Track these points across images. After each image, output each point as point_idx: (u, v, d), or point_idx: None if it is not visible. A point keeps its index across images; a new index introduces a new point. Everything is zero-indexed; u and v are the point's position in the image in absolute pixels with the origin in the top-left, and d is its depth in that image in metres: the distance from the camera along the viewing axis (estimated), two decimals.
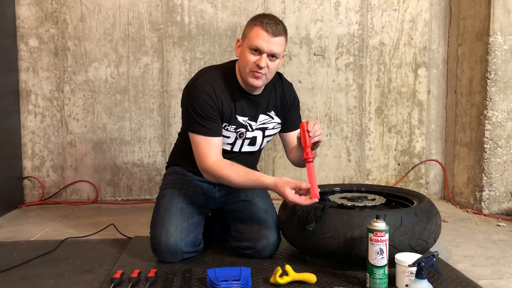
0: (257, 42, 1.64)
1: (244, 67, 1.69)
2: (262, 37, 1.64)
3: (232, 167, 1.66)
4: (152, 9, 2.86)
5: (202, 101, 1.69)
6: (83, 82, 2.86)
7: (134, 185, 2.94)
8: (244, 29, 1.73)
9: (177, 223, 1.73)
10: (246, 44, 1.67)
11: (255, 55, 1.66)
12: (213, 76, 1.74)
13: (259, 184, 1.64)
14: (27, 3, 2.80)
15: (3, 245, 2.02)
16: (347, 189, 2.05)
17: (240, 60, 1.73)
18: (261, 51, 1.65)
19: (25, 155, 2.88)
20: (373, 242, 1.43)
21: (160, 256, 1.73)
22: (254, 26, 1.66)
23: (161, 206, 1.80)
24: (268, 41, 1.64)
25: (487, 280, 1.61)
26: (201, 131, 1.70)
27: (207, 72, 1.78)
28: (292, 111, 1.90)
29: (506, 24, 2.55)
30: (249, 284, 1.46)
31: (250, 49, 1.66)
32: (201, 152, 1.70)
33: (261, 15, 1.72)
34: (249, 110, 1.79)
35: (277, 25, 1.66)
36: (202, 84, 1.71)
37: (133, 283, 1.49)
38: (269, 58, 1.66)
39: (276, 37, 1.65)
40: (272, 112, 1.85)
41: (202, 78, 1.73)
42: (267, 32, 1.63)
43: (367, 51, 2.98)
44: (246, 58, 1.67)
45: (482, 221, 2.48)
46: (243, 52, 1.69)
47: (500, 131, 2.59)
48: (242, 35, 1.73)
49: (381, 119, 3.03)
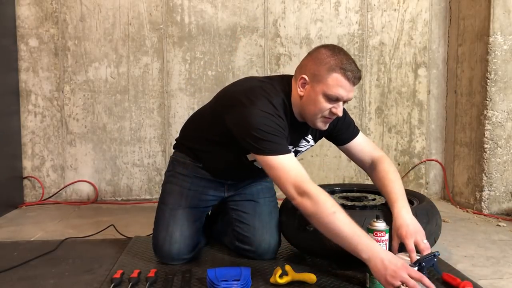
0: (338, 92, 1.48)
1: (315, 113, 1.52)
2: (344, 87, 1.48)
3: (335, 203, 1.40)
4: (152, 9, 2.86)
5: (272, 123, 1.48)
6: (83, 82, 2.86)
7: (134, 185, 2.94)
8: (313, 68, 1.51)
9: (182, 229, 1.71)
10: (321, 89, 1.48)
11: (330, 103, 1.50)
12: (277, 102, 1.53)
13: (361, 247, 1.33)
14: (27, 3, 2.80)
15: (3, 245, 2.02)
16: (347, 189, 2.05)
17: (309, 103, 1.53)
18: (340, 100, 1.50)
19: (25, 155, 2.88)
20: None
21: (161, 258, 1.73)
22: (332, 72, 1.47)
23: (167, 207, 1.76)
24: (349, 90, 1.49)
25: (487, 280, 1.61)
26: (276, 151, 1.45)
27: (269, 95, 1.53)
28: (339, 126, 1.73)
29: (506, 24, 2.55)
30: (249, 284, 1.46)
31: (326, 96, 1.49)
32: (289, 173, 1.43)
33: (337, 55, 1.50)
34: (294, 137, 1.66)
35: (359, 71, 1.50)
36: (269, 109, 1.49)
37: (133, 283, 1.49)
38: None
39: (356, 85, 1.52)
40: (310, 136, 1.74)
41: (268, 104, 1.50)
42: (349, 82, 1.48)
43: (367, 51, 2.98)
44: (320, 104, 1.50)
45: (482, 221, 2.48)
46: (315, 97, 1.50)
47: (500, 131, 2.59)
48: (311, 75, 1.51)
49: (381, 119, 3.03)
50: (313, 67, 1.51)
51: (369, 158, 1.76)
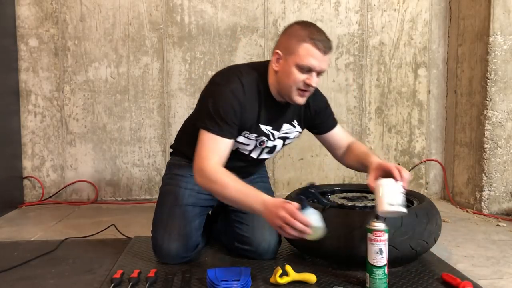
0: (309, 61, 1.52)
1: (290, 85, 1.56)
2: (314, 56, 1.51)
3: (231, 176, 1.51)
4: (152, 9, 2.86)
5: (228, 105, 1.56)
6: (83, 82, 2.86)
7: (134, 185, 2.94)
8: (284, 41, 1.58)
9: (180, 228, 1.71)
10: (293, 61, 1.53)
11: (303, 73, 1.54)
12: (248, 82, 1.61)
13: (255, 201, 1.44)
14: (27, 3, 2.80)
15: (3, 245, 2.02)
16: (347, 189, 2.04)
17: (283, 77, 1.57)
18: (312, 70, 1.54)
19: (25, 155, 2.88)
20: (372, 242, 1.43)
21: (160, 258, 1.73)
22: (302, 43, 1.52)
23: (165, 206, 1.77)
24: (320, 60, 1.53)
25: (487, 280, 1.61)
26: (213, 130, 1.55)
27: (242, 74, 1.62)
28: (322, 114, 1.81)
29: (506, 24, 2.55)
30: (249, 284, 1.46)
31: (299, 67, 1.53)
32: (204, 151, 1.54)
33: (306, 26, 1.57)
34: (274, 119, 1.69)
35: (329, 41, 1.55)
36: (235, 89, 1.58)
37: (133, 283, 1.49)
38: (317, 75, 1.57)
39: (327, 54, 1.54)
40: (295, 121, 1.77)
41: (237, 83, 1.59)
42: (319, 51, 1.51)
43: (367, 51, 2.98)
44: (294, 76, 1.54)
45: (482, 221, 2.48)
46: (289, 69, 1.54)
47: (500, 131, 2.59)
48: (284, 49, 1.57)
49: (381, 119, 3.03)
50: (286, 41, 1.57)
51: (345, 146, 1.84)
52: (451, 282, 1.49)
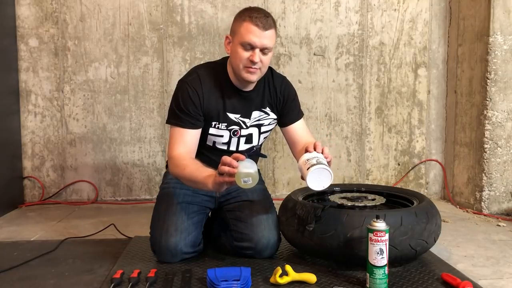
0: (248, 38, 1.63)
1: (238, 64, 1.67)
2: (253, 32, 1.62)
3: (192, 160, 1.67)
4: (152, 9, 2.86)
5: (187, 97, 1.70)
6: (83, 82, 2.86)
7: (134, 185, 2.94)
8: (232, 25, 1.71)
9: (177, 223, 1.72)
10: (237, 40, 1.66)
11: (247, 51, 1.65)
12: (204, 73, 1.75)
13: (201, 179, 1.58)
14: (27, 3, 2.80)
15: (3, 245, 2.02)
16: (347, 189, 2.04)
17: (232, 57, 1.71)
18: (254, 46, 1.63)
19: (25, 155, 2.88)
20: (373, 242, 1.43)
21: (160, 256, 1.73)
22: (243, 22, 1.65)
23: (161, 206, 1.80)
24: (259, 36, 1.63)
25: (487, 280, 1.61)
26: (177, 124, 1.71)
27: (199, 68, 1.80)
28: (289, 104, 1.87)
29: (506, 24, 2.55)
30: (249, 284, 1.46)
31: (242, 45, 1.64)
32: (171, 142, 1.72)
33: (248, 9, 1.70)
34: (240, 107, 1.78)
35: (267, 18, 1.65)
36: (191, 80, 1.73)
37: (133, 283, 1.49)
38: (261, 52, 1.65)
39: (267, 30, 1.63)
40: (268, 108, 1.84)
41: (194, 75, 1.75)
42: (257, 27, 1.62)
43: (367, 51, 2.98)
44: (239, 54, 1.66)
45: (482, 221, 2.48)
46: (235, 49, 1.67)
47: (500, 131, 2.59)
48: (231, 31, 1.71)
49: (381, 119, 3.03)
50: (233, 25, 1.71)
51: (303, 143, 1.82)
52: (451, 282, 1.49)
